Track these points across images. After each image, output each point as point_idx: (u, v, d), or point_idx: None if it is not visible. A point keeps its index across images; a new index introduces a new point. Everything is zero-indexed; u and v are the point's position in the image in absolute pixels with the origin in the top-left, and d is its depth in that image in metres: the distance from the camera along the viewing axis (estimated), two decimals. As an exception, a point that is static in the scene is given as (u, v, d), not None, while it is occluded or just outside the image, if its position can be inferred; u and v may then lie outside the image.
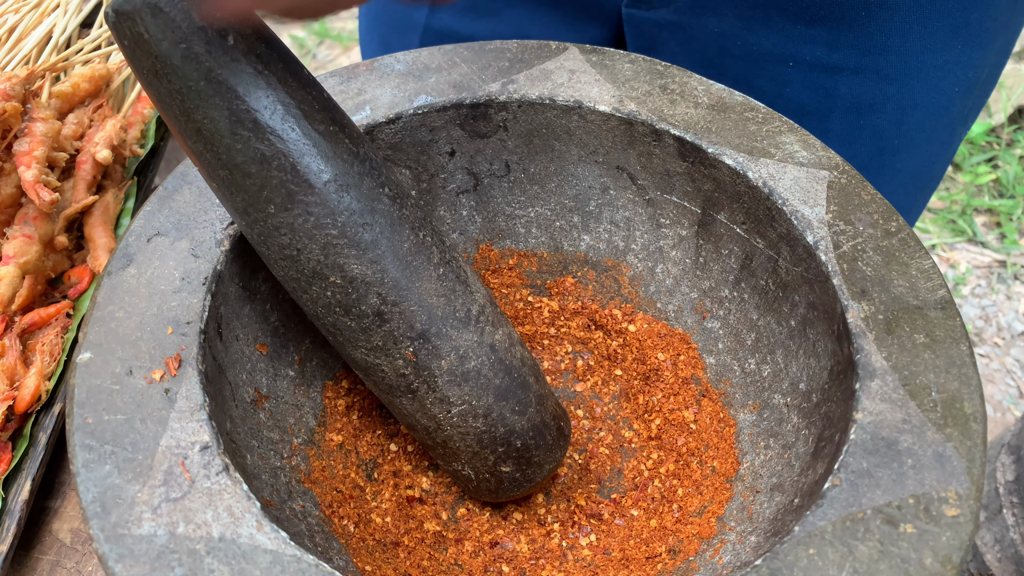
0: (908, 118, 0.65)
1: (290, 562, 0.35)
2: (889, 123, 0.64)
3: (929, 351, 0.43)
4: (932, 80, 0.63)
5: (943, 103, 0.65)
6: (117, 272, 0.45)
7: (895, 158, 0.67)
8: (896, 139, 0.66)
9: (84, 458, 0.38)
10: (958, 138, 0.70)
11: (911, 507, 0.38)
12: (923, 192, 0.73)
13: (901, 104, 0.64)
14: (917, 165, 0.69)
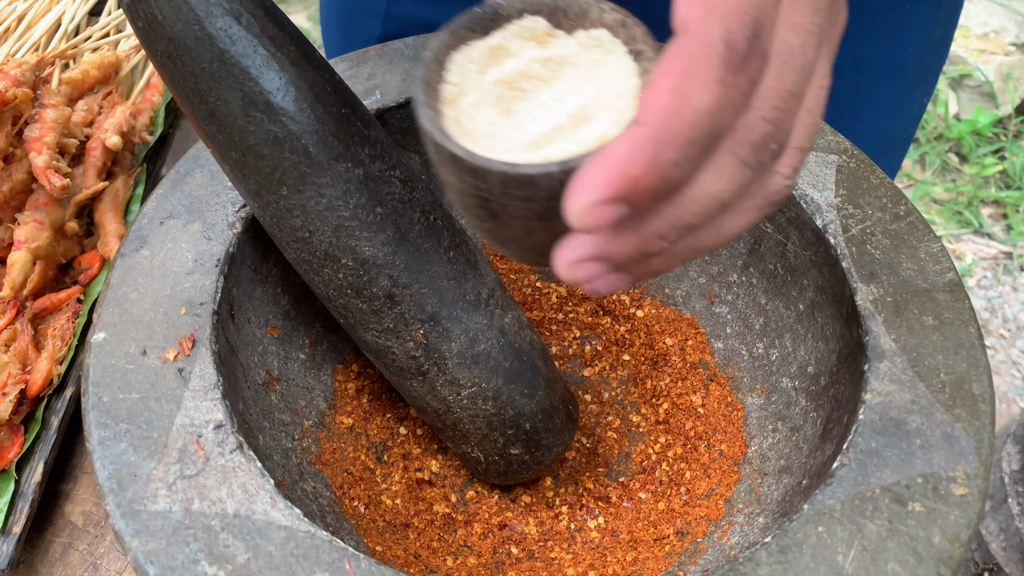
0: (864, 80, 0.67)
1: (304, 538, 0.35)
2: (847, 85, 0.65)
3: (938, 333, 0.43)
4: (885, 41, 0.65)
5: (898, 64, 0.67)
6: (131, 254, 0.45)
7: (855, 120, 0.68)
8: (855, 100, 0.67)
9: (100, 436, 0.38)
10: (919, 102, 0.72)
11: (920, 486, 0.38)
12: (888, 156, 0.75)
13: (856, 66, 0.65)
14: (878, 128, 0.71)
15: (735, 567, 0.35)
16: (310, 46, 0.42)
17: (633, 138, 0.26)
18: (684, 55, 0.26)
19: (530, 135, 0.30)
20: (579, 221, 0.26)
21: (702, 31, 0.26)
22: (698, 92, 0.26)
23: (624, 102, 0.30)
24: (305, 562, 0.35)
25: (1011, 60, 1.92)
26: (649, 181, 0.26)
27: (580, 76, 0.31)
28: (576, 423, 0.55)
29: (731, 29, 0.26)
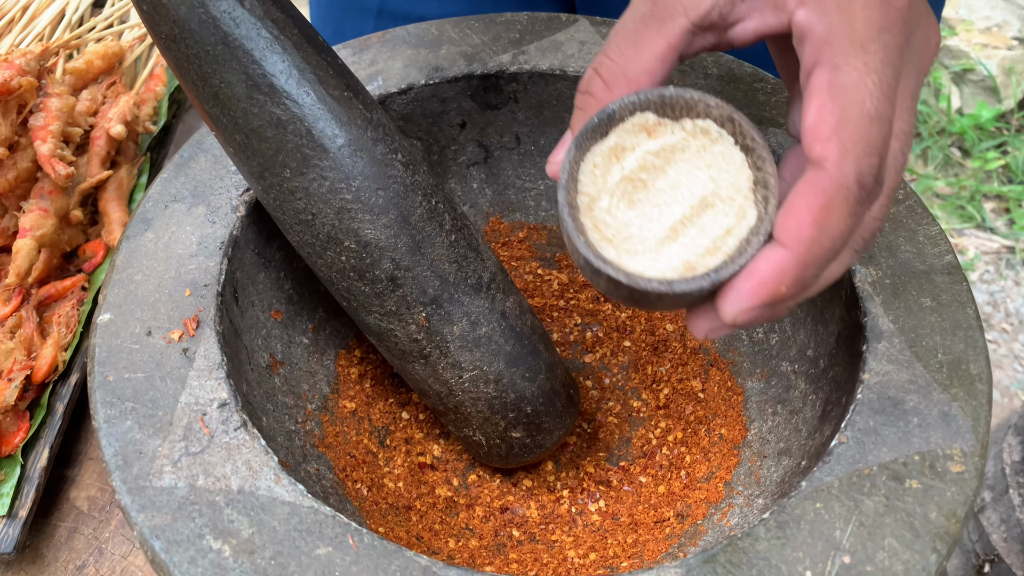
0: None
1: (308, 513, 0.36)
2: None
3: (935, 314, 0.43)
4: None
5: None
6: (135, 237, 0.45)
7: None
8: None
9: (105, 414, 0.39)
10: None
11: (917, 464, 0.38)
12: None
13: None
14: None
15: (733, 542, 0.36)
16: (312, 30, 0.43)
17: (780, 262, 0.31)
18: (822, 192, 0.31)
19: (662, 228, 0.35)
20: (730, 319, 0.33)
21: (838, 172, 0.31)
22: (835, 224, 0.31)
23: (742, 195, 0.34)
24: (309, 537, 0.35)
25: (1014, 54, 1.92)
26: (791, 292, 0.32)
27: (690, 161, 0.35)
28: (577, 407, 0.56)
29: (862, 171, 0.31)
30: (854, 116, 0.31)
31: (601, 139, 0.35)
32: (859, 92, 0.31)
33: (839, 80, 0.31)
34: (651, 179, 0.35)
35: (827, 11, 0.32)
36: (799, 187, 0.31)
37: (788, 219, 0.31)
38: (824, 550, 0.35)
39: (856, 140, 0.31)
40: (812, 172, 0.31)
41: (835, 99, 0.31)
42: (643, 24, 0.35)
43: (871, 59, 0.31)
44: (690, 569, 0.35)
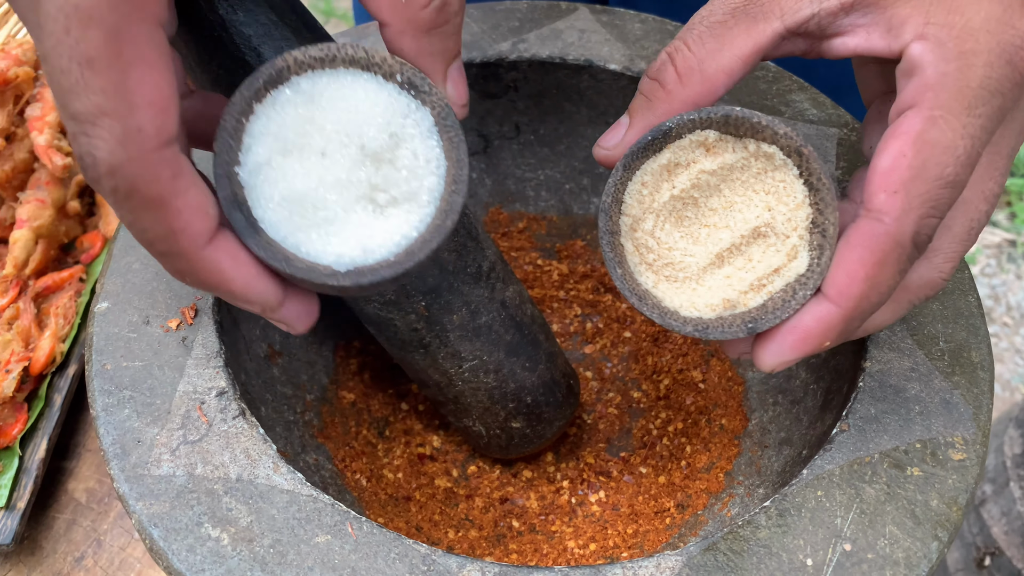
0: None
1: (306, 501, 0.36)
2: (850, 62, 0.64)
3: (937, 302, 0.43)
4: None
5: None
6: (132, 226, 0.45)
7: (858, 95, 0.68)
8: None
9: (103, 402, 0.38)
10: None
11: (918, 451, 0.38)
12: None
13: None
14: None
15: (735, 530, 0.36)
16: (311, 16, 0.42)
17: (827, 318, 0.31)
18: (878, 249, 0.30)
19: (707, 253, 0.33)
20: (768, 368, 0.32)
21: (896, 229, 0.30)
22: (886, 280, 0.30)
23: (796, 234, 0.33)
24: (308, 525, 0.35)
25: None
26: (834, 344, 0.32)
27: (749, 183, 0.33)
28: (577, 398, 0.55)
29: (920, 232, 0.30)
30: (932, 177, 0.29)
31: (654, 156, 0.33)
32: (946, 155, 0.29)
33: (930, 134, 0.29)
34: (703, 197, 0.34)
35: (947, 57, 0.29)
36: (852, 238, 0.30)
37: (839, 274, 0.31)
38: (825, 538, 0.35)
39: (924, 200, 0.29)
40: (868, 223, 0.30)
41: (918, 153, 0.29)
42: (732, 18, 0.32)
43: (972, 123, 0.29)
44: (691, 557, 0.35)
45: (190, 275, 0.29)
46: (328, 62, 0.31)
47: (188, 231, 0.27)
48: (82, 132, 0.25)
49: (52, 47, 0.24)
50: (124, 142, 0.25)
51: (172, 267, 0.29)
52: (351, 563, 0.34)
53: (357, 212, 0.31)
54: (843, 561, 0.34)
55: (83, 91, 0.24)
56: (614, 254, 0.34)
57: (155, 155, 0.25)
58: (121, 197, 0.26)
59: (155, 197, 0.26)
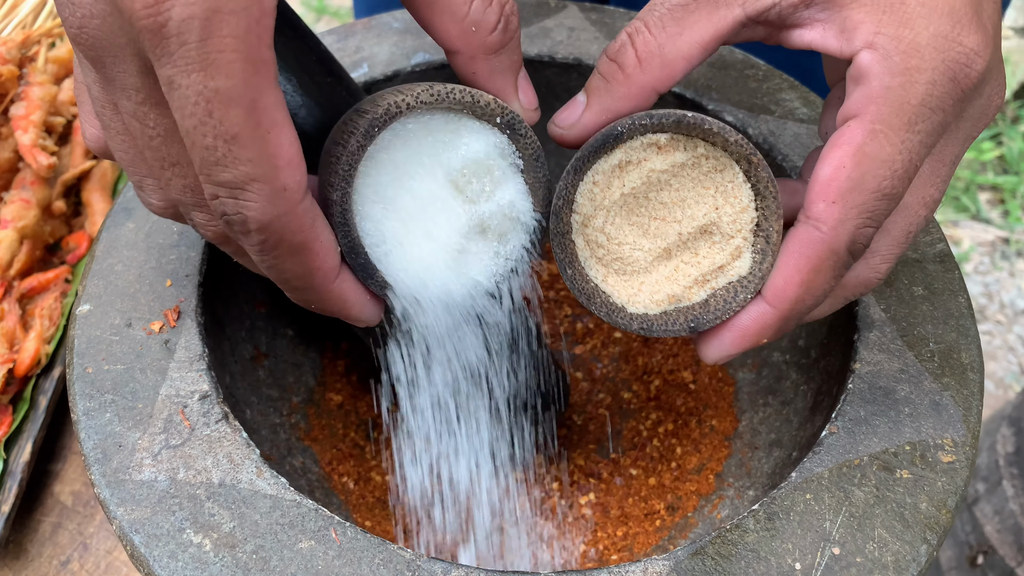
0: None
1: (290, 507, 0.35)
2: None
3: (927, 303, 0.43)
4: None
5: None
6: (116, 226, 0.45)
7: None
8: None
9: (84, 406, 0.38)
10: None
11: (907, 454, 0.38)
12: None
13: None
14: None
15: (723, 534, 0.35)
16: (294, 14, 0.42)
17: (764, 318, 0.33)
18: (813, 256, 0.31)
19: (656, 246, 0.35)
20: (710, 361, 0.36)
21: (832, 238, 0.31)
22: (820, 285, 0.32)
23: (741, 236, 0.34)
24: (291, 530, 0.35)
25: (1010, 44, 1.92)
26: (770, 340, 0.35)
27: (699, 180, 0.34)
28: (567, 398, 0.55)
29: (855, 240, 0.31)
30: (869, 189, 0.30)
31: (605, 156, 0.34)
32: (883, 168, 0.30)
33: (870, 148, 0.30)
34: (654, 192, 0.35)
35: (892, 71, 0.30)
36: (791, 244, 0.32)
37: (777, 278, 0.32)
38: (814, 541, 0.35)
39: (860, 211, 0.30)
40: (806, 230, 0.31)
41: (857, 165, 0.30)
42: (694, 2, 0.33)
43: (911, 139, 0.30)
44: (678, 562, 0.34)
45: (316, 304, 0.32)
46: (435, 104, 0.33)
47: (322, 269, 0.31)
48: (231, 197, 0.27)
49: (194, 127, 0.26)
50: (273, 202, 0.27)
51: (301, 298, 0.32)
52: (335, 569, 0.33)
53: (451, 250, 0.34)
54: (832, 565, 0.34)
55: (231, 163, 0.26)
56: (564, 254, 0.35)
57: (299, 208, 0.28)
58: (269, 247, 0.29)
59: (299, 244, 0.29)
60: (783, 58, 0.63)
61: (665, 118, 0.33)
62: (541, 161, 0.35)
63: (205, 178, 0.27)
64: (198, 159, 0.27)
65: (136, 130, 0.29)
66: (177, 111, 0.26)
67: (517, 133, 0.34)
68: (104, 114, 0.30)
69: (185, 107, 0.26)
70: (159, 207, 0.33)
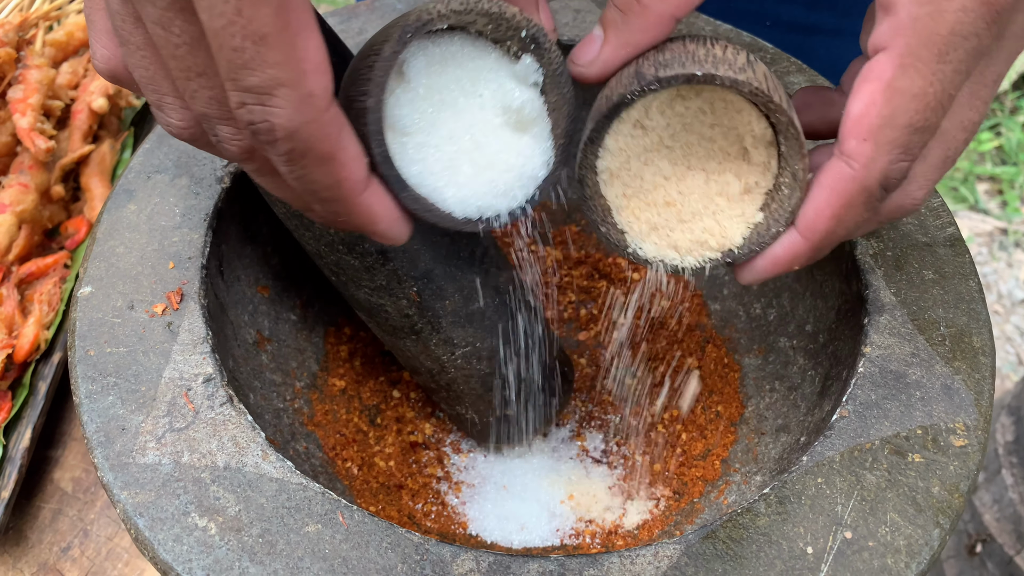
0: None
1: (296, 490, 0.35)
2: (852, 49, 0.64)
3: (938, 287, 0.43)
4: None
5: None
6: (117, 208, 0.44)
7: None
8: None
9: (87, 389, 0.37)
10: None
11: (919, 437, 0.37)
12: None
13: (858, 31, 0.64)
14: None
15: (733, 518, 0.35)
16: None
17: (795, 248, 0.34)
18: (845, 191, 0.31)
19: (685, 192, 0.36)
20: (744, 283, 0.36)
21: (863, 175, 0.31)
22: (852, 218, 0.32)
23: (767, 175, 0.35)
24: (297, 514, 0.34)
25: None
26: (801, 267, 0.35)
27: (719, 125, 0.35)
28: (571, 385, 0.55)
29: (889, 175, 0.31)
30: (900, 124, 0.30)
31: (619, 119, 0.34)
32: (915, 103, 0.30)
33: (900, 82, 0.29)
34: (678, 141, 0.35)
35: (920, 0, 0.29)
36: (823, 179, 0.32)
37: (809, 210, 0.33)
38: (825, 525, 0.35)
39: (893, 146, 0.30)
40: (839, 166, 0.31)
41: (888, 101, 0.30)
42: None
43: (943, 69, 0.29)
44: (689, 546, 0.34)
45: (344, 217, 0.31)
46: (464, 15, 0.33)
47: (351, 179, 0.29)
48: (257, 103, 0.26)
49: (222, 27, 0.25)
50: (300, 108, 0.26)
51: (329, 211, 0.31)
52: (342, 553, 0.33)
53: (482, 164, 0.34)
54: (844, 549, 0.34)
55: (258, 65, 0.26)
56: (595, 214, 0.36)
57: (326, 115, 0.27)
58: (296, 156, 0.28)
59: (327, 153, 0.28)
60: (789, 41, 0.62)
61: (675, 80, 0.33)
62: (565, 77, 0.35)
63: (232, 84, 0.26)
64: (225, 63, 0.26)
65: (160, 39, 0.28)
66: (205, 11, 0.25)
67: (541, 47, 0.34)
68: (124, 28, 0.29)
69: (214, 6, 0.25)
70: (180, 127, 0.31)
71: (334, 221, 0.31)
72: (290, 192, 0.31)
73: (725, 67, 0.32)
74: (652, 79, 0.32)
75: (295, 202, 0.32)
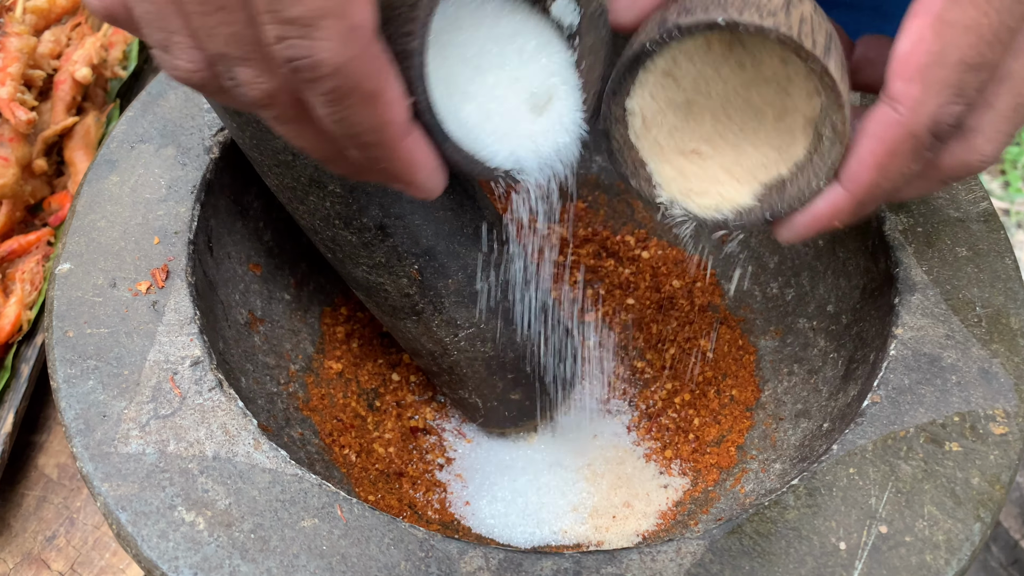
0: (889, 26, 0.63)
1: (291, 481, 0.32)
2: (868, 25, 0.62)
3: (972, 264, 0.40)
4: None
5: None
6: (98, 180, 0.41)
7: None
8: None
9: (65, 373, 0.35)
10: None
11: (956, 425, 0.35)
12: None
13: (877, 6, 0.61)
14: None
15: (760, 511, 0.33)
16: None
17: (838, 202, 0.31)
18: (889, 139, 0.29)
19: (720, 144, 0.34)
20: (784, 241, 0.34)
21: (909, 119, 0.28)
22: (898, 169, 0.30)
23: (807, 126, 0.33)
24: (292, 507, 0.32)
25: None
26: (844, 224, 0.32)
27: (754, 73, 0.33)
28: (578, 369, 0.52)
29: (939, 120, 0.28)
30: (952, 61, 0.27)
31: (643, 69, 0.33)
32: (968, 36, 0.27)
33: (950, 15, 0.27)
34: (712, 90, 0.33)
35: None
36: (867, 125, 0.30)
37: (852, 161, 0.30)
38: (859, 519, 0.32)
39: (943, 86, 0.27)
40: (883, 111, 0.29)
41: (938, 36, 0.27)
42: None
43: None
44: (714, 541, 0.32)
45: (384, 163, 0.29)
46: None
47: (395, 122, 0.27)
48: (300, 36, 0.24)
49: None
50: (347, 40, 0.25)
51: (368, 156, 0.28)
52: (341, 549, 0.31)
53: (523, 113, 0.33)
54: (879, 544, 0.32)
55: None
56: (627, 167, 0.34)
57: (372, 49, 0.25)
58: (341, 95, 0.26)
59: (372, 91, 0.26)
60: None
61: (696, 28, 0.30)
62: (603, 20, 0.33)
63: (271, 16, 0.24)
64: None
65: None
66: None
67: None
68: None
69: None
70: (189, 70, 0.28)
71: (371, 169, 0.29)
72: (319, 139, 0.28)
73: (752, 11, 0.29)
74: (672, 27, 0.30)
75: (324, 150, 0.29)
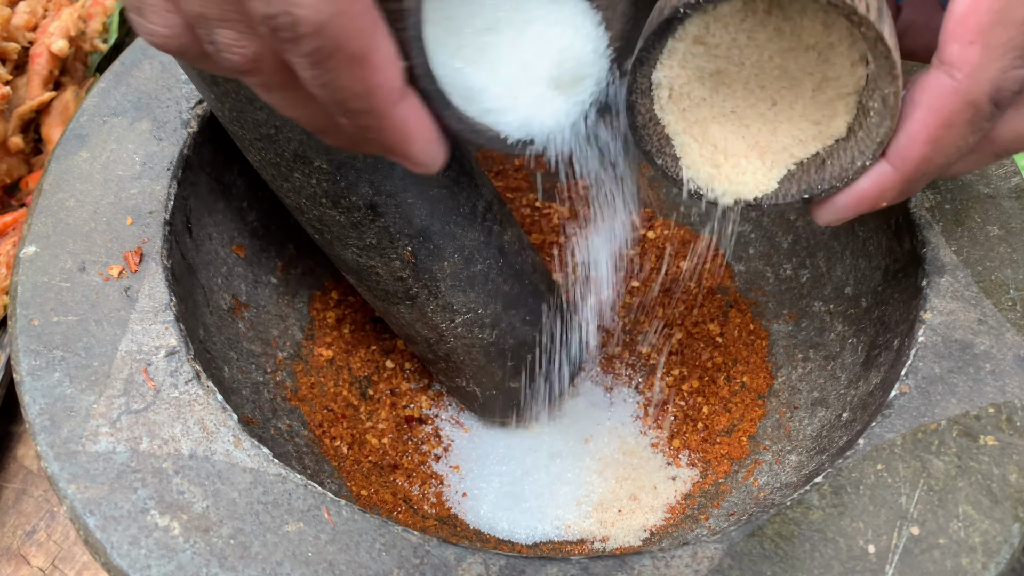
0: None
1: (274, 482, 0.30)
2: None
3: (1005, 244, 0.38)
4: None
5: None
6: (67, 156, 0.39)
7: None
8: None
9: (30, 365, 0.32)
10: None
11: (991, 417, 0.33)
12: None
13: None
14: None
15: (782, 512, 0.30)
16: None
17: (884, 180, 0.29)
18: (944, 109, 0.26)
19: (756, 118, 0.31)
20: (823, 223, 0.31)
21: (968, 86, 0.26)
22: (953, 142, 0.27)
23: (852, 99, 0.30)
24: (275, 510, 0.29)
25: None
26: (891, 203, 0.30)
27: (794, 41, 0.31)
28: (581, 356, 0.50)
29: (1001, 87, 0.26)
30: (1017, 19, 0.25)
31: (672, 36, 0.30)
32: None
33: None
34: (747, 60, 0.31)
35: None
36: (918, 95, 0.27)
37: (901, 136, 0.28)
38: (889, 520, 0.30)
39: (1007, 49, 0.25)
40: (937, 78, 0.26)
41: None
42: None
43: None
44: (732, 544, 0.29)
45: (375, 133, 0.27)
46: None
47: (385, 87, 0.26)
48: None
49: None
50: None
51: (357, 125, 0.27)
52: (328, 556, 0.28)
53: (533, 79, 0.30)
54: (911, 547, 0.29)
55: None
56: (651, 144, 0.32)
57: (358, 6, 0.24)
58: (324, 56, 0.24)
59: (358, 53, 0.25)
60: None
61: None
62: None
63: None
64: None
65: None
66: None
67: None
68: None
69: None
70: (165, 35, 0.27)
71: (362, 139, 0.27)
72: (308, 107, 0.27)
73: None
74: None
75: (314, 119, 0.27)
